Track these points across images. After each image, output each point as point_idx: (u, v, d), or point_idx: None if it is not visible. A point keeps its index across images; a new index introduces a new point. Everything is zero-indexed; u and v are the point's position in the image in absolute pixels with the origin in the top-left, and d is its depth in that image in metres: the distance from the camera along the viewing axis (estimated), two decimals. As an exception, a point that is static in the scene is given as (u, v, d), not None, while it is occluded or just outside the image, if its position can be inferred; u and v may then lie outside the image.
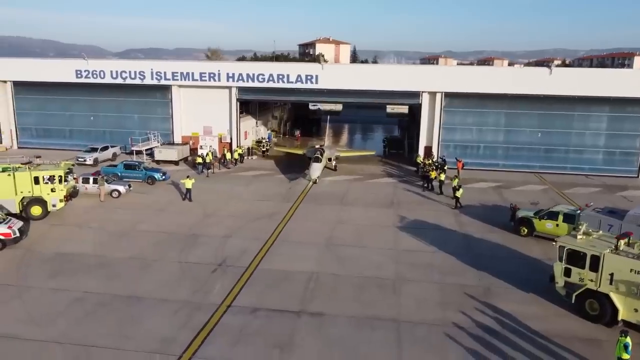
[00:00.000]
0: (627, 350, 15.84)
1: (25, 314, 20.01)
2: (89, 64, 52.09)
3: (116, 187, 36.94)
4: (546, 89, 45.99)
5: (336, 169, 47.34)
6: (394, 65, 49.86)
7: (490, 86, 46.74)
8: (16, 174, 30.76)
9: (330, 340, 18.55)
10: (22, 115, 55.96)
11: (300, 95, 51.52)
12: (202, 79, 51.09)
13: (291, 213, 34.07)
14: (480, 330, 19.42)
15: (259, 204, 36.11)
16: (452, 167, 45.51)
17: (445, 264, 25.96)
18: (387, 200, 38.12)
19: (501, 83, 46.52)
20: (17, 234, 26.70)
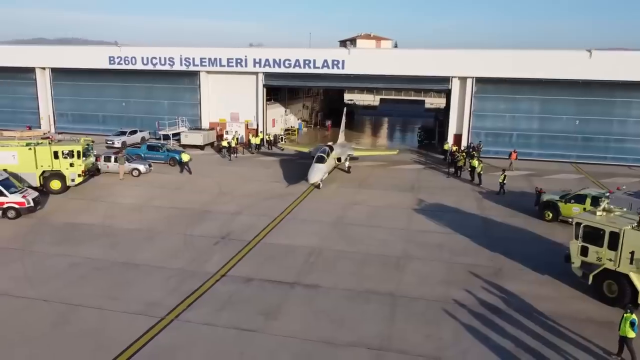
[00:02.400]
0: (634, 327, 14.23)
1: (21, 274, 20.22)
2: (121, 50, 53.14)
3: (136, 165, 37.37)
4: (585, 74, 43.26)
5: (349, 171, 39.78)
6: (423, 49, 47.90)
7: (524, 71, 44.38)
8: (37, 148, 31.46)
9: (319, 310, 17.73)
10: (59, 101, 57.84)
11: (327, 80, 50.70)
12: (230, 65, 51.12)
13: (306, 194, 33.38)
14: (482, 308, 18.11)
15: (274, 184, 35.67)
16: (485, 156, 44.08)
17: (458, 245, 24.59)
18: (408, 184, 36.82)
19: (536, 67, 44.05)
20: (32, 204, 27.24)
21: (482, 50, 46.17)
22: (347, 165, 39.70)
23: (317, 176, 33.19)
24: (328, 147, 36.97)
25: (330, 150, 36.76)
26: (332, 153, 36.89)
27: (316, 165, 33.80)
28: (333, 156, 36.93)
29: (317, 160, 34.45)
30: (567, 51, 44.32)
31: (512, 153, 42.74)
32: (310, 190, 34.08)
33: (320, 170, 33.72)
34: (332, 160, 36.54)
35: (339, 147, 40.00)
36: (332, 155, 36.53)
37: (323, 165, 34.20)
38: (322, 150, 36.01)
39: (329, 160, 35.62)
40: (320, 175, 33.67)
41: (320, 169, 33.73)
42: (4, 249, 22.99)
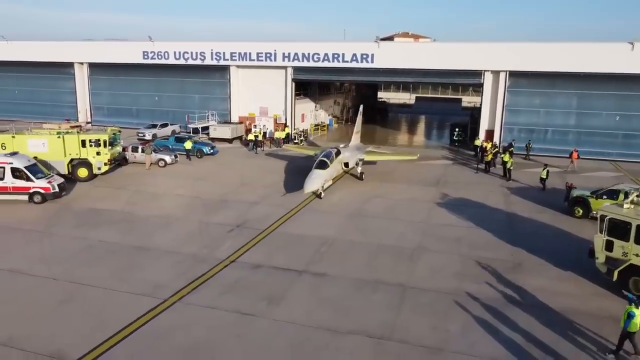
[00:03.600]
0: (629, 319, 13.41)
1: (37, 255, 20.69)
2: (155, 45, 54.17)
3: (162, 156, 37.92)
4: (626, 67, 41.07)
5: (362, 178, 34.59)
6: (454, 42, 46.70)
7: (561, 64, 42.50)
8: (65, 136, 32.32)
9: (324, 298, 17.33)
10: (96, 95, 59.57)
11: (356, 75, 50.14)
12: (259, 59, 51.32)
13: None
14: (496, 301, 17.26)
15: (296, 177, 35.40)
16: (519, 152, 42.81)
17: (478, 239, 23.65)
18: (433, 179, 35.87)
19: (573, 61, 42.09)
20: (56, 189, 27.96)
21: (516, 43, 44.58)
22: (359, 170, 34.75)
23: (314, 185, 28.30)
24: (334, 151, 32.16)
25: (336, 154, 32.01)
26: (339, 157, 32.11)
27: (315, 172, 29.33)
28: (339, 161, 32.10)
29: (317, 166, 29.93)
30: (607, 43, 42.20)
31: (573, 152, 39.90)
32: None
33: (320, 177, 29.01)
34: (337, 166, 31.86)
35: (349, 150, 34.80)
36: (337, 160, 31.78)
37: (324, 172, 29.64)
38: (325, 154, 31.26)
39: (333, 166, 30.99)
40: (319, 184, 28.77)
41: (319, 175, 29.12)
42: (26, 230, 23.64)
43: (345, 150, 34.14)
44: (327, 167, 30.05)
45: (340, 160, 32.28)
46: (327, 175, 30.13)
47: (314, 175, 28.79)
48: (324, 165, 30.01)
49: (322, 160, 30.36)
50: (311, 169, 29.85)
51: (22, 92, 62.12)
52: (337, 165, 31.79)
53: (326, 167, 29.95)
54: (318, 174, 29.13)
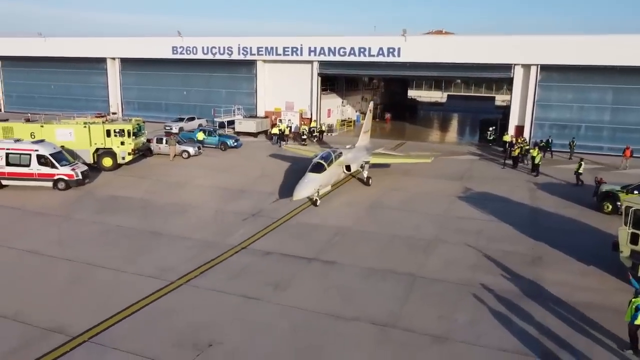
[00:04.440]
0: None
1: (55, 237, 21.11)
2: (184, 40, 54.88)
3: (186, 148, 38.32)
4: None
5: (369, 183, 30.62)
6: (484, 35, 45.49)
7: (596, 57, 40.74)
8: (91, 126, 32.99)
9: (331, 285, 17.01)
10: (127, 90, 60.81)
11: (382, 69, 49.51)
12: (285, 54, 51.30)
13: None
14: (510, 293, 16.57)
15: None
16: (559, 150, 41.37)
17: (498, 232, 22.85)
18: (457, 174, 34.99)
19: (609, 53, 40.31)
20: (80, 177, 28.52)
21: (549, 35, 43.04)
22: (365, 175, 30.79)
23: (305, 190, 24.69)
24: (334, 153, 28.64)
25: (336, 156, 28.33)
26: (339, 160, 28.51)
27: (308, 176, 25.66)
28: (339, 164, 28.41)
29: (311, 169, 26.31)
30: (645, 35, 40.27)
31: (626, 150, 37.66)
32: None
33: (314, 182, 25.38)
34: (336, 169, 28.23)
35: (354, 152, 31.42)
36: (337, 163, 28.13)
37: (319, 176, 25.87)
38: (322, 156, 27.72)
39: (332, 169, 27.32)
40: (312, 190, 25.14)
41: (313, 180, 25.41)
42: (48, 215, 24.20)
43: (349, 151, 30.84)
44: (324, 170, 26.38)
45: (341, 162, 28.68)
46: (323, 180, 26.28)
47: (307, 180, 25.21)
48: (319, 168, 26.39)
49: (318, 163, 26.75)
50: (305, 173, 26.28)
51: (58, 86, 63.98)
52: (336, 169, 28.20)
53: (322, 171, 26.25)
54: (311, 178, 25.52)
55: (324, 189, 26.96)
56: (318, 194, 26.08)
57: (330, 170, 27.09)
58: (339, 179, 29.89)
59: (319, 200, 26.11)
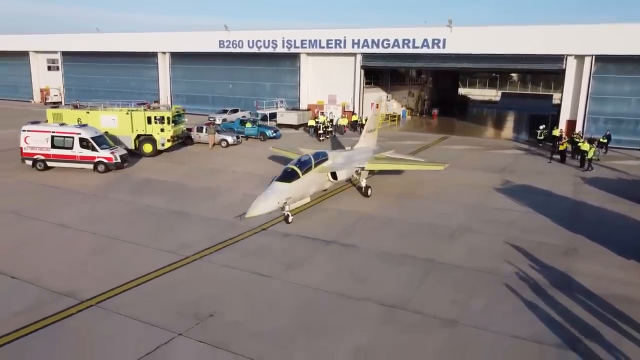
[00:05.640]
0: None
1: (87, 214, 21.85)
2: (230, 34, 55.83)
3: (224, 137, 38.92)
4: None
5: (368, 194, 25.07)
6: (534, 25, 43.42)
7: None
8: (133, 113, 34.05)
9: (345, 267, 16.60)
10: (176, 83, 62.63)
11: (426, 61, 48.40)
12: (329, 46, 51.15)
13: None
14: (536, 283, 15.56)
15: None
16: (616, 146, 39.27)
17: (533, 223, 21.61)
18: (499, 167, 33.54)
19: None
20: (118, 160, 29.49)
21: (604, 24, 40.48)
22: (363, 184, 25.43)
23: (265, 205, 18.89)
24: (317, 157, 22.96)
25: (318, 161, 22.66)
26: (322, 165, 22.78)
27: (273, 186, 20.09)
28: (321, 170, 22.67)
29: (280, 177, 20.82)
30: None
31: None
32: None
33: (278, 194, 19.61)
34: (317, 177, 22.34)
35: (345, 156, 25.67)
36: (318, 170, 22.37)
37: (287, 187, 20.20)
38: (299, 161, 22.21)
39: (309, 178, 21.56)
40: (274, 204, 19.24)
41: (278, 191, 19.74)
42: (84, 194, 25.13)
43: (339, 155, 25.30)
44: (296, 178, 20.76)
45: (324, 169, 22.88)
46: (295, 191, 20.58)
47: (270, 191, 19.61)
48: (290, 176, 20.76)
49: (289, 170, 21.15)
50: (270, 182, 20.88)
51: (112, 80, 66.74)
52: (317, 177, 22.40)
53: (293, 179, 20.64)
54: (277, 189, 19.88)
55: (300, 201, 21.48)
56: (287, 208, 20.39)
57: (306, 178, 21.31)
58: (322, 188, 23.71)
59: (291, 216, 20.64)
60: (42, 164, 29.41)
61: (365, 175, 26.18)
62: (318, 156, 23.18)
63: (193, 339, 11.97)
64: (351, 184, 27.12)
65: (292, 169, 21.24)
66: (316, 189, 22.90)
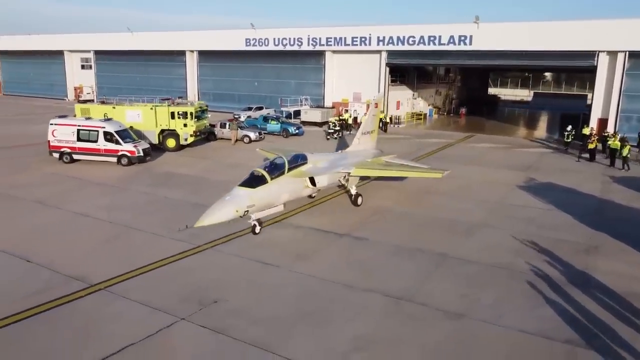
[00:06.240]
0: None
1: (106, 203, 22.33)
2: (256, 32, 56.26)
3: (247, 133, 39.25)
4: None
5: (358, 203, 22.43)
6: (564, 21, 42.20)
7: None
8: (157, 108, 34.66)
9: (355, 259, 16.45)
10: (203, 82, 63.53)
11: (452, 58, 47.59)
12: (354, 44, 50.98)
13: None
14: (550, 279, 15.05)
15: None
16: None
17: (553, 220, 20.97)
18: (524, 165, 32.72)
19: None
20: (141, 153, 30.07)
21: (639, 19, 39.05)
22: (353, 191, 22.66)
23: (220, 213, 16.56)
24: (294, 161, 20.34)
25: (294, 165, 20.04)
26: (298, 170, 20.09)
27: (234, 191, 17.66)
28: (298, 175, 19.95)
29: (244, 181, 18.25)
30: None
31: None
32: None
33: (238, 201, 17.10)
34: (290, 183, 19.53)
35: (330, 159, 22.82)
36: (293, 174, 19.63)
37: (251, 193, 17.56)
38: (271, 163, 19.62)
39: (279, 183, 18.83)
40: (230, 213, 16.73)
41: (238, 198, 17.24)
42: (105, 185, 25.69)
43: (322, 158, 22.47)
44: (262, 184, 18.12)
45: (301, 173, 20.14)
46: (261, 198, 17.84)
47: (228, 197, 17.29)
48: (256, 181, 18.19)
49: (256, 174, 18.54)
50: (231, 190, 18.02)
51: (142, 78, 68.11)
52: (291, 183, 19.54)
53: (258, 185, 17.98)
54: (237, 195, 17.38)
55: (269, 210, 18.75)
56: (252, 216, 17.85)
57: (277, 184, 18.64)
58: (299, 196, 20.67)
59: (258, 227, 18.33)
60: (68, 156, 30.21)
61: (355, 181, 23.26)
62: (297, 159, 20.55)
63: (195, 323, 12.04)
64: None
65: (259, 174, 18.48)
66: (291, 197, 19.76)
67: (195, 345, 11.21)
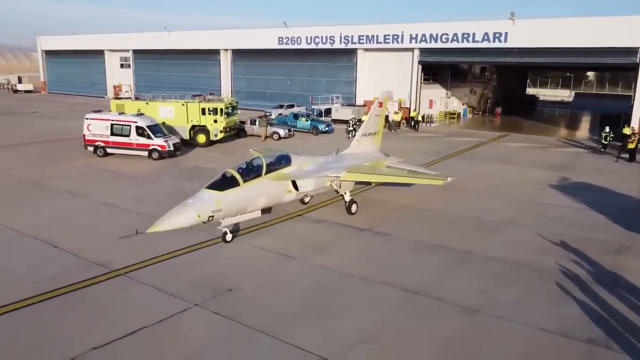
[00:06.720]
0: None
1: (135, 195, 22.90)
2: (289, 30, 56.58)
3: (276, 129, 39.50)
4: None
5: (352, 211, 20.17)
6: (603, 16, 40.67)
7: None
8: (188, 104, 35.30)
9: (374, 253, 16.30)
10: (236, 80, 64.41)
11: (486, 55, 46.67)
12: (386, 41, 50.64)
13: (432, 163, 31.16)
14: (579, 278, 14.49)
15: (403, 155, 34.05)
16: None
17: (584, 220, 20.21)
18: (559, 164, 31.72)
19: None
20: (171, 148, 30.68)
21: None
22: (347, 198, 20.46)
23: (178, 219, 14.89)
24: (277, 162, 18.59)
25: (276, 167, 18.25)
26: (277, 173, 18.02)
27: (199, 194, 15.93)
28: (279, 178, 17.93)
29: (213, 184, 16.40)
30: None
31: None
32: (443, 160, 31.51)
33: (201, 205, 15.35)
34: (269, 187, 17.49)
35: (318, 163, 20.25)
36: (272, 177, 17.66)
37: (215, 197, 15.69)
38: (243, 166, 17.65)
39: (255, 187, 16.93)
40: (191, 218, 15.04)
41: (202, 201, 15.51)
42: (136, 178, 26.32)
43: (308, 161, 19.86)
44: (234, 186, 16.29)
45: (282, 176, 18.11)
46: (228, 203, 15.90)
47: (191, 200, 15.57)
48: (225, 183, 16.35)
49: (227, 175, 16.75)
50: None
51: (178, 77, 69.61)
52: (270, 186, 17.54)
53: (228, 188, 16.13)
54: (201, 198, 15.66)
55: (243, 216, 16.99)
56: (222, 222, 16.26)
57: (251, 187, 16.77)
58: (281, 201, 18.55)
59: (229, 234, 16.68)
60: (102, 150, 31.11)
61: (350, 187, 20.85)
62: (280, 161, 18.71)
63: (208, 310, 12.16)
64: None
65: (230, 175, 16.63)
66: (269, 202, 17.85)
67: (205, 331, 11.33)
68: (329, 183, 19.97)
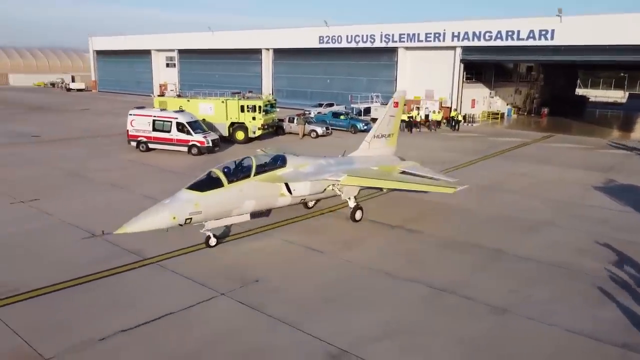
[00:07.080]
0: None
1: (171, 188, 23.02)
2: (330, 29, 56.70)
3: (314, 127, 39.70)
4: None
5: (356, 218, 18.68)
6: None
7: None
8: (228, 102, 35.94)
9: (403, 249, 16.13)
10: (277, 79, 65.06)
11: (531, 54, 45.32)
12: (427, 40, 49.98)
13: (470, 163, 30.53)
14: (619, 281, 13.88)
15: (441, 153, 33.60)
16: None
17: (629, 222, 19.33)
18: (605, 165, 30.47)
19: None
20: (210, 144, 31.33)
21: None
22: (351, 204, 18.84)
23: (151, 220, 13.97)
24: (264, 162, 17.13)
25: (268, 168, 16.88)
26: (270, 174, 16.59)
27: (178, 195, 14.95)
28: (271, 179, 16.51)
29: (194, 184, 15.37)
30: None
31: None
32: (481, 159, 30.88)
33: (179, 207, 14.37)
34: (258, 189, 16.09)
35: (316, 165, 18.44)
36: (263, 178, 16.26)
37: (195, 198, 14.65)
38: (230, 165, 16.38)
39: (242, 188, 15.59)
40: (165, 219, 14.07)
41: (180, 202, 14.53)
42: (174, 172, 27.00)
43: (306, 163, 18.17)
44: (216, 187, 15.13)
45: (275, 178, 16.67)
46: (209, 205, 14.81)
47: (168, 201, 14.66)
48: (208, 184, 15.25)
49: (212, 175, 15.58)
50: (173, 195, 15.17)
51: (221, 76, 70.96)
52: (259, 188, 16.17)
53: (210, 189, 15.02)
54: (179, 199, 14.68)
55: (227, 220, 15.81)
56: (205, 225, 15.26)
57: (237, 188, 15.49)
58: (274, 205, 17.21)
59: (212, 238, 15.62)
60: (144, 145, 32.10)
61: (354, 192, 19.06)
62: (275, 161, 17.41)
63: (233, 299, 12.35)
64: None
65: (214, 175, 15.47)
66: (260, 205, 16.50)
67: (228, 319, 11.50)
68: (330, 187, 18.17)
